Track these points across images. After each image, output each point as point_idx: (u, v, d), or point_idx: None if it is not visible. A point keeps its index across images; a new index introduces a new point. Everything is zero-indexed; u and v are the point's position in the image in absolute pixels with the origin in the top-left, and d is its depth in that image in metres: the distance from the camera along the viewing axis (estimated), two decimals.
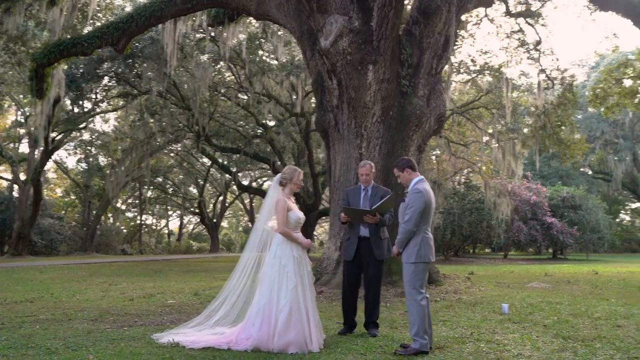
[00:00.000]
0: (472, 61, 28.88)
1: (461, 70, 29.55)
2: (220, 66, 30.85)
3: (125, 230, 57.12)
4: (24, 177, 37.08)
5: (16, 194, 39.50)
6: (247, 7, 15.06)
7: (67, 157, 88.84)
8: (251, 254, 6.94)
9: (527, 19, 23.61)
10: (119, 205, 55.49)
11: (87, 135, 45.39)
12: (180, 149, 43.65)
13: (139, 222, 56.01)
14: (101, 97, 33.27)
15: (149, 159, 36.30)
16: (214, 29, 19.99)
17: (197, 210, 51.39)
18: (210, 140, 31.23)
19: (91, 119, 39.41)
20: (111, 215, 53.60)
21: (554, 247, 37.62)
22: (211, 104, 30.75)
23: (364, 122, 12.56)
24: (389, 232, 7.89)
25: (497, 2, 20.40)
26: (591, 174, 54.54)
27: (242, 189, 38.29)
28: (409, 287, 6.38)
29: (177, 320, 8.62)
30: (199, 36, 28.32)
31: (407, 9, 14.76)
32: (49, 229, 37.76)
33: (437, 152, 36.02)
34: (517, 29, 24.66)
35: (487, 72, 30.14)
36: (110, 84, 30.72)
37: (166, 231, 66.33)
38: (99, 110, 37.71)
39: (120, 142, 42.44)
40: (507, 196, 32.93)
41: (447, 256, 34.58)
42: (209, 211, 53.18)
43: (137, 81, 28.69)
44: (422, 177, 6.66)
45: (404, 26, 13.42)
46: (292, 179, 6.94)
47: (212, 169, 48.60)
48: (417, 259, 6.33)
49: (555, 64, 25.14)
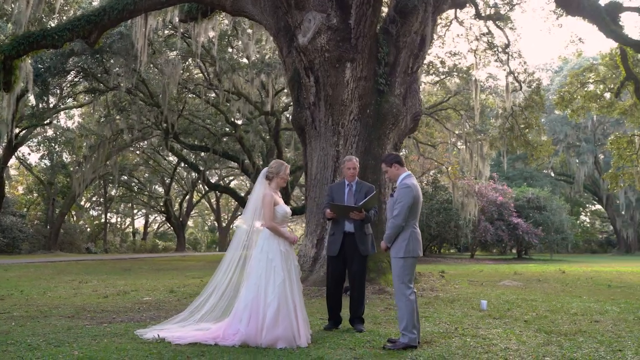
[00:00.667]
0: (441, 63, 29.16)
1: (430, 71, 29.79)
2: (188, 63, 30.57)
3: (89, 228, 56.18)
4: None
5: None
6: (223, 2, 14.92)
7: (29, 154, 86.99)
8: (237, 250, 6.87)
9: (497, 22, 23.93)
10: (83, 203, 54.54)
11: (50, 131, 44.50)
12: (146, 146, 43.09)
13: (103, 220, 55.13)
14: (67, 92, 32.61)
15: (118, 156, 35.74)
16: (187, 25, 19.72)
17: (164, 208, 50.78)
18: (178, 137, 30.89)
19: (55, 115, 38.62)
20: (75, 213, 52.62)
21: (519, 247, 38.20)
22: (179, 101, 30.44)
23: (341, 119, 12.56)
24: (373, 228, 7.90)
25: (468, 4, 20.61)
26: (554, 175, 55.55)
27: (211, 187, 37.98)
28: (397, 281, 6.39)
29: (156, 317, 8.51)
30: (167, 32, 28.06)
31: (385, 7, 14.82)
32: (11, 226, 36.85)
33: (405, 152, 36.28)
34: (485, 31, 24.98)
35: (455, 73, 30.48)
36: (76, 79, 30.15)
37: (131, 230, 65.44)
38: (63, 106, 36.99)
39: (85, 139, 41.71)
40: (474, 197, 33.35)
41: None
42: (175, 210, 52.59)
43: (104, 77, 28.22)
44: (409, 172, 6.68)
45: (381, 25, 13.46)
46: (279, 173, 6.90)
47: (179, 167, 48.12)
48: (406, 254, 6.34)
49: (523, 66, 25.29)
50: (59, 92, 32.46)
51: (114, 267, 23.47)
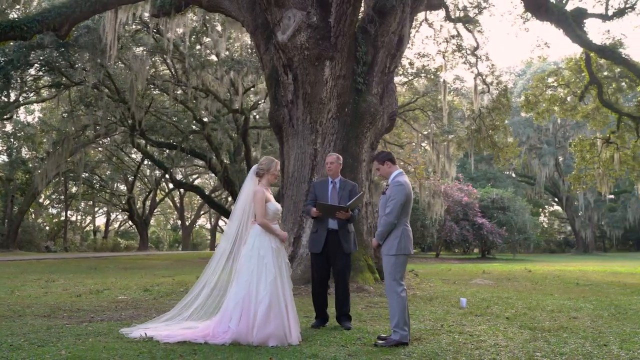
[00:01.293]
0: (409, 64, 29.36)
1: (399, 72, 29.97)
2: (155, 59, 30.15)
3: (48, 227, 55.03)
4: None
5: None
6: None
7: None
8: (227, 247, 6.80)
9: (466, 25, 24.22)
10: (42, 201, 53.36)
11: (10, 126, 43.44)
12: (108, 142, 42.32)
13: (63, 218, 54.00)
14: (29, 86, 31.83)
15: (83, 152, 35.06)
16: (157, 20, 19.46)
17: (126, 206, 49.99)
18: (145, 134, 30.44)
19: (16, 109, 37.68)
20: (33, 211, 51.43)
21: (483, 246, 38.75)
22: (144, 97, 29.98)
23: (319, 117, 12.55)
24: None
25: (442, 7, 20.85)
26: (515, 176, 56.50)
27: (177, 185, 37.53)
28: (389, 279, 6.41)
29: (135, 315, 8.40)
30: (134, 27, 27.62)
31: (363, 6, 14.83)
32: None
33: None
34: (455, 34, 25.24)
35: (423, 75, 30.72)
36: (40, 73, 29.44)
37: (92, 228, 64.24)
38: (24, 100, 36.11)
39: (45, 135, 40.79)
40: (440, 197, 33.70)
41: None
42: (138, 208, 51.81)
43: (69, 71, 27.63)
44: (401, 170, 6.71)
45: (360, 24, 13.48)
46: (270, 170, 6.86)
47: (143, 164, 47.48)
48: (397, 251, 6.37)
49: (490, 69, 25.64)
50: (21, 85, 31.65)
51: (78, 266, 23.06)
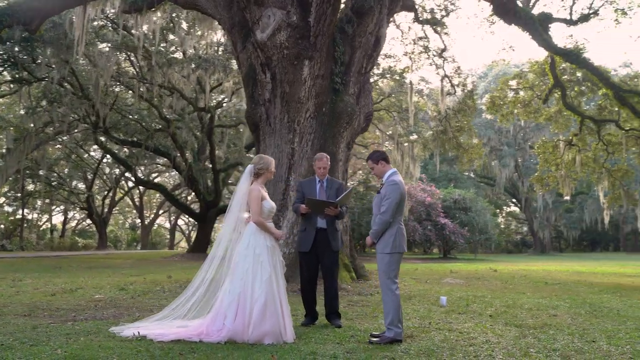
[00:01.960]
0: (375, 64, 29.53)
1: None
2: (121, 56, 29.68)
3: (2, 225, 53.64)
4: None
5: None
6: None
7: None
8: (222, 246, 6.76)
9: (434, 27, 24.52)
10: None
11: None
12: (67, 139, 41.39)
13: (19, 217, 52.70)
14: None
15: (44, 150, 34.26)
16: (128, 16, 19.17)
17: (85, 205, 49.03)
18: (109, 132, 29.94)
19: None
20: None
21: (445, 246, 39.26)
22: (108, 94, 29.46)
23: (297, 117, 12.56)
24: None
25: (416, 8, 21.09)
26: (474, 177, 57.38)
27: (141, 183, 37.01)
28: (384, 277, 6.47)
29: (118, 314, 8.30)
30: (97, 24, 27.14)
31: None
32: None
33: None
34: (422, 35, 25.53)
35: (389, 75, 30.96)
36: (0, 68, 28.65)
37: (49, 227, 62.84)
38: None
39: (3, 131, 39.69)
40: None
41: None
42: (97, 206, 50.86)
43: (32, 66, 26.99)
44: (395, 169, 6.78)
45: (338, 24, 13.53)
46: (268, 168, 6.86)
47: (102, 162, 46.67)
48: (392, 249, 6.44)
49: (457, 71, 25.99)
50: None
51: (41, 265, 22.57)
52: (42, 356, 5.39)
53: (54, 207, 59.40)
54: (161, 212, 67.92)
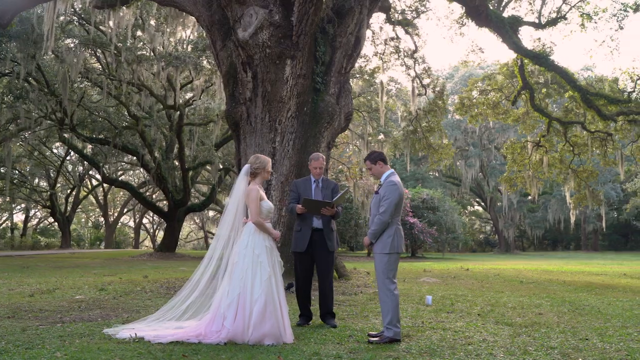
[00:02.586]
0: None
1: None
2: (89, 52, 29.16)
3: None
4: None
5: None
6: None
7: None
8: (219, 246, 6.71)
9: (406, 28, 24.71)
10: None
11: None
12: (29, 136, 40.45)
13: None
14: None
15: (10, 147, 33.43)
16: (101, 12, 18.88)
17: (48, 203, 48.03)
18: (76, 129, 29.39)
19: None
20: None
21: (413, 246, 39.58)
22: (74, 91, 28.92)
23: (279, 116, 12.53)
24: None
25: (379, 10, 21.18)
26: (440, 177, 58.00)
27: (108, 181, 36.43)
28: (382, 277, 6.51)
29: (105, 315, 8.19)
30: (63, 19, 26.65)
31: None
32: None
33: None
34: (393, 36, 25.70)
35: (359, 75, 31.06)
36: None
37: (9, 225, 61.35)
38: None
39: None
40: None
41: None
42: (60, 204, 49.85)
43: None
44: (393, 170, 6.82)
45: (319, 24, 13.53)
46: (265, 168, 6.83)
47: (66, 160, 45.83)
48: (391, 250, 6.48)
49: (427, 72, 26.23)
50: None
51: (7, 265, 22.07)
52: (41, 359, 5.29)
53: (14, 205, 58.03)
54: (125, 210, 66.93)
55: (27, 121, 29.00)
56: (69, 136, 32.29)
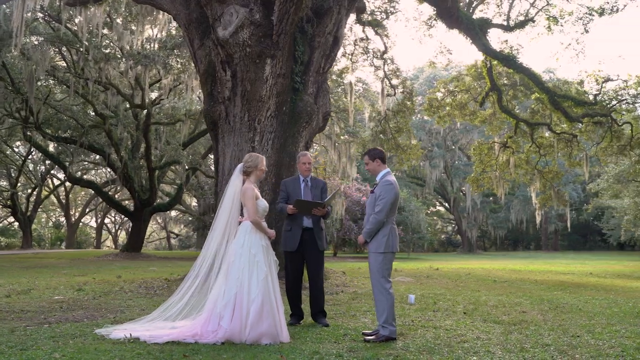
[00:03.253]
0: None
1: None
2: (54, 50, 28.55)
3: None
4: None
5: None
6: None
7: None
8: (214, 245, 6.65)
9: (376, 29, 24.85)
10: None
11: None
12: None
13: None
14: None
15: None
16: (72, 9, 18.52)
17: (9, 202, 46.85)
18: (41, 128, 28.73)
19: None
20: None
21: None
22: (38, 90, 28.27)
23: (258, 115, 12.47)
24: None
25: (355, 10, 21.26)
26: (402, 177, 58.43)
27: (73, 181, 35.70)
28: (378, 276, 6.54)
29: (90, 316, 8.10)
30: (28, 15, 26.05)
31: None
32: None
33: None
34: (363, 36, 25.81)
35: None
36: None
37: None
38: None
39: None
40: (341, 196, 34.29)
41: None
42: (21, 204, 48.65)
43: None
44: (388, 169, 6.86)
45: (298, 23, 13.51)
46: (257, 166, 6.79)
47: (28, 159, 44.79)
48: (386, 249, 6.52)
49: (396, 73, 26.42)
50: None
51: None
52: None
53: None
54: (88, 210, 65.73)
55: None
56: (32, 135, 31.57)
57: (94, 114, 30.76)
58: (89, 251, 46.59)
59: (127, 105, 31.24)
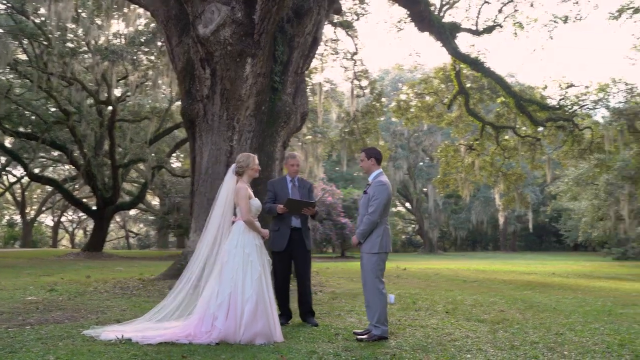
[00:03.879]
0: None
1: None
2: (16, 43, 27.92)
3: None
4: None
5: None
6: None
7: None
8: (207, 246, 6.64)
9: (347, 30, 24.99)
10: None
11: None
12: None
13: None
14: None
15: None
16: (43, 2, 18.16)
17: None
18: (1, 123, 28.02)
19: None
20: None
21: (343, 246, 39.96)
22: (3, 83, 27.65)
23: (237, 114, 12.47)
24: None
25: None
26: (364, 176, 58.77)
27: (34, 178, 34.91)
28: (371, 276, 6.62)
29: (71, 317, 7.94)
30: None
31: None
32: None
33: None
34: (334, 37, 25.94)
35: None
36: None
37: None
38: None
39: None
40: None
41: None
42: None
43: None
44: (381, 170, 6.96)
45: (279, 23, 13.54)
46: (249, 165, 6.80)
47: None
48: (380, 249, 6.61)
49: (365, 74, 26.62)
50: None
51: None
52: None
53: None
54: (44, 208, 64.32)
55: None
56: None
57: (56, 109, 30.12)
58: (46, 250, 45.57)
59: (92, 101, 30.69)
